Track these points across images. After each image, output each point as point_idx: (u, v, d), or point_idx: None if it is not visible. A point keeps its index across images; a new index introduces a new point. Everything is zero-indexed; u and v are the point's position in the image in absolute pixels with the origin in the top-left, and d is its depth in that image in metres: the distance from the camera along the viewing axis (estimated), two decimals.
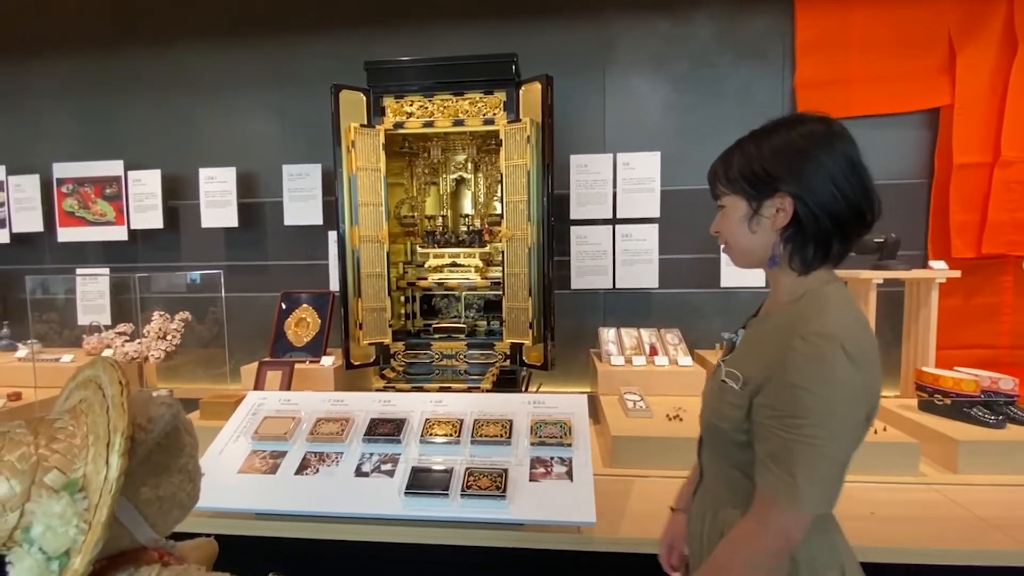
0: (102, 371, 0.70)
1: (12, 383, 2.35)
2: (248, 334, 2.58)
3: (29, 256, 2.83)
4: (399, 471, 1.42)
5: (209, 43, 2.63)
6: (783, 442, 0.74)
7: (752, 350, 0.85)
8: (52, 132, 2.79)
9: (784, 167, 0.79)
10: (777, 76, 2.36)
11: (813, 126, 0.80)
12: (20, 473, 0.59)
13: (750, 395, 0.80)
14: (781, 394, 0.75)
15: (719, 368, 0.91)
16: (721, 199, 0.88)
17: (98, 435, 0.63)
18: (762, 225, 0.83)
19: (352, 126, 1.99)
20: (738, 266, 0.92)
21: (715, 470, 0.92)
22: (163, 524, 0.72)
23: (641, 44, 2.42)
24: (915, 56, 2.27)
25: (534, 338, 2.00)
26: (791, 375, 0.73)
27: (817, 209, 0.78)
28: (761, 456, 0.77)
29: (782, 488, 0.73)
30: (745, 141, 0.85)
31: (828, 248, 0.81)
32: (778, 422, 0.74)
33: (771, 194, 0.80)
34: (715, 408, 0.87)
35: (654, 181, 2.39)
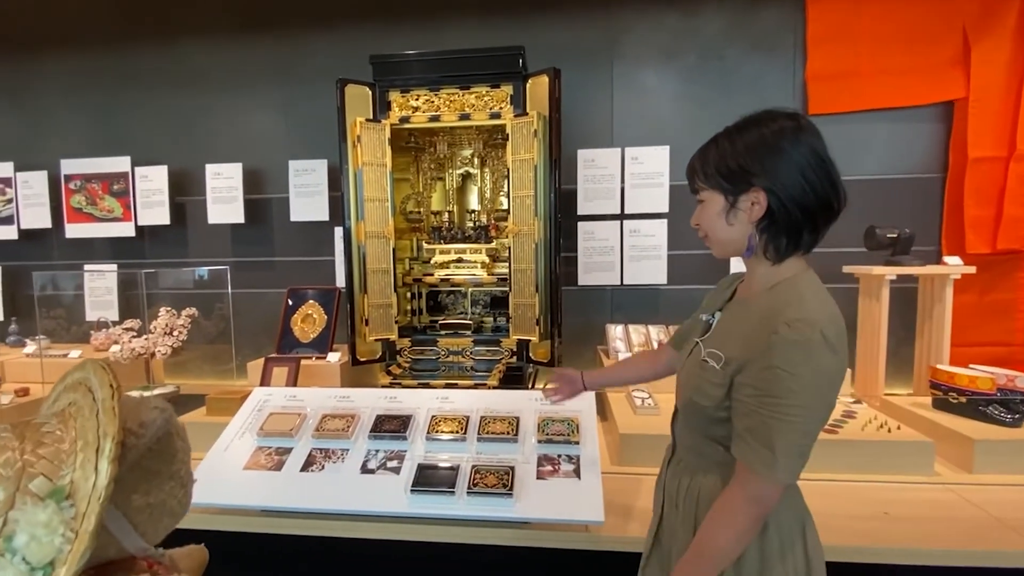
0: (92, 374, 0.67)
1: (21, 379, 2.36)
2: (255, 330, 2.59)
3: (37, 252, 2.85)
4: (405, 468, 1.41)
5: (215, 39, 2.62)
6: (762, 418, 0.79)
7: (731, 332, 0.90)
8: (60, 128, 2.80)
9: (756, 163, 0.83)
10: (788, 69, 2.32)
11: (783, 122, 0.83)
12: (3, 479, 0.56)
13: (731, 374, 0.85)
14: (763, 375, 0.79)
15: (697, 347, 0.96)
16: (700, 193, 0.92)
17: (87, 440, 0.61)
18: (739, 218, 0.87)
19: (358, 121, 1.98)
20: (718, 256, 0.96)
21: (689, 442, 0.97)
22: (153, 532, 0.70)
23: (649, 37, 2.39)
24: (929, 48, 2.22)
25: (541, 335, 1.98)
26: (774, 358, 0.78)
27: (788, 202, 0.82)
28: (739, 431, 0.83)
29: (760, 460, 0.79)
30: (720, 137, 0.89)
31: (799, 238, 0.85)
32: (758, 400, 0.80)
33: (746, 188, 0.84)
34: (696, 386, 0.91)
35: (663, 176, 2.36)
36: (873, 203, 2.25)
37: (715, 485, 0.90)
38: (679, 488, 0.97)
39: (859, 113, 2.28)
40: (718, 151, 0.87)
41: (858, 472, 1.51)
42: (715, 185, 0.88)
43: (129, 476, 0.63)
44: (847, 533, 1.24)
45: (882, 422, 1.65)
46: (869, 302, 2.07)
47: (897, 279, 1.98)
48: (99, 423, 0.61)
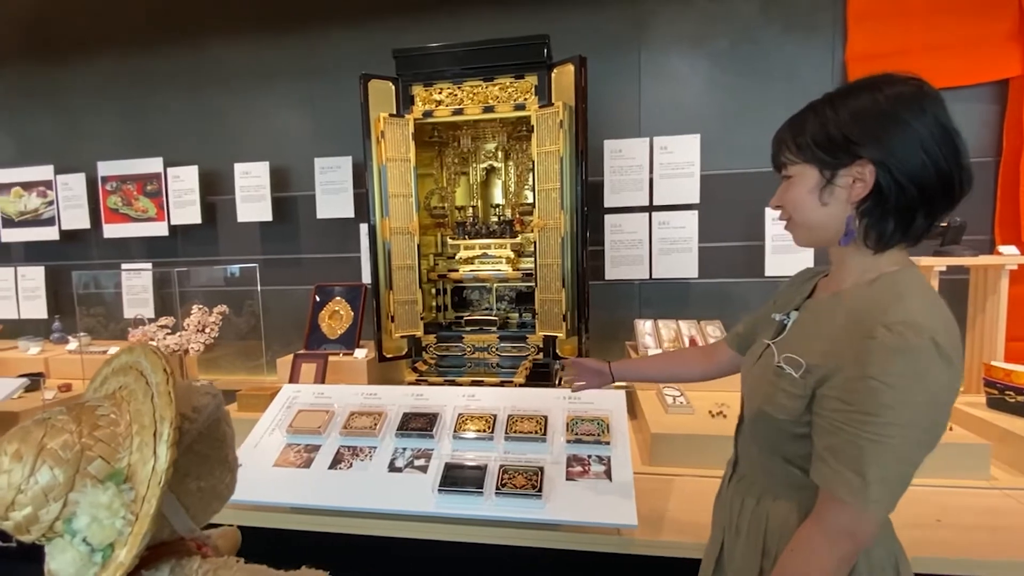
0: (143, 357, 0.68)
1: (63, 375, 2.45)
2: (283, 326, 2.62)
3: (77, 252, 2.94)
4: (432, 467, 1.40)
5: (241, 39, 2.65)
6: (851, 439, 0.67)
7: (811, 334, 0.79)
8: (96, 131, 2.87)
9: (867, 131, 0.71)
10: (827, 49, 2.20)
11: (901, 87, 0.71)
12: (64, 462, 0.57)
13: (813, 385, 0.74)
14: (854, 386, 0.68)
15: (768, 351, 0.84)
16: (787, 168, 0.80)
17: (143, 424, 0.61)
18: (835, 196, 0.75)
19: (381, 116, 1.96)
20: (800, 244, 0.84)
21: (757, 459, 0.86)
22: (202, 515, 0.71)
23: (678, 21, 2.30)
24: (981, 23, 2.08)
25: (568, 331, 1.94)
26: (869, 367, 0.66)
27: (903, 178, 0.70)
28: (820, 451, 0.71)
29: (847, 487, 0.68)
30: (819, 104, 0.77)
31: (910, 223, 0.73)
32: (846, 416, 0.68)
33: (849, 162, 0.73)
34: (768, 395, 0.79)
35: (693, 165, 2.28)
36: None
37: (787, 512, 0.79)
38: (743, 510, 0.86)
39: None
40: (817, 119, 0.75)
41: None
42: (810, 158, 0.76)
43: (183, 460, 0.64)
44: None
45: None
46: None
47: (947, 271, 1.87)
48: (155, 407, 0.62)
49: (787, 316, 0.86)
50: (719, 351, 1.12)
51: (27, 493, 0.56)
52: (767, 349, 0.86)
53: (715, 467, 1.53)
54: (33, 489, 0.56)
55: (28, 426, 0.59)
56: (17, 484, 0.56)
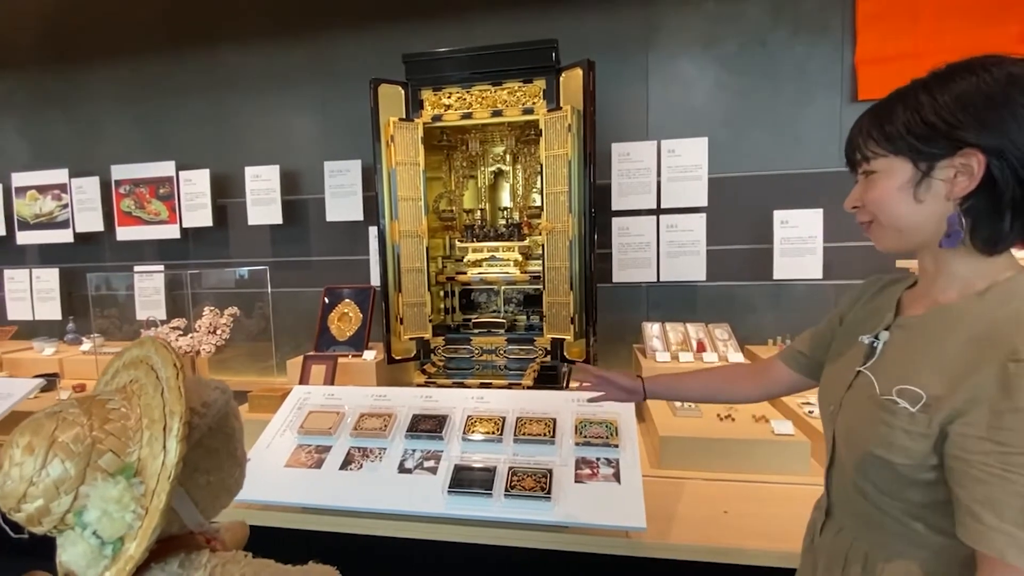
0: (153, 351, 0.68)
1: (78, 375, 2.49)
2: (293, 328, 2.64)
3: (91, 254, 2.99)
4: (442, 468, 1.41)
5: (253, 44, 2.68)
6: (1014, 487, 0.56)
7: (919, 358, 0.68)
8: (110, 135, 2.92)
9: (974, 116, 0.62)
10: (836, 53, 2.20)
11: (1012, 67, 0.63)
12: (75, 455, 0.57)
13: (941, 421, 0.62)
14: (1005, 422, 0.57)
15: (862, 378, 0.74)
16: (870, 163, 0.71)
17: (152, 418, 0.62)
18: (933, 192, 0.66)
19: (391, 120, 1.98)
20: (886, 249, 0.73)
21: (858, 507, 0.74)
22: (211, 509, 0.72)
23: (686, 24, 2.31)
24: (992, 25, 2.06)
25: (575, 333, 1.95)
26: (1022, 397, 0.56)
27: (1022, 168, 0.61)
28: (969, 504, 0.59)
29: (1016, 547, 0.56)
30: (907, 91, 0.68)
31: None
32: (1002, 460, 0.57)
33: (951, 151, 0.64)
34: (880, 435, 0.68)
35: (701, 168, 2.28)
36: None
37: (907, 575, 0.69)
38: (846, 570, 0.75)
39: None
40: (908, 106, 0.66)
41: None
42: (901, 149, 0.67)
43: (192, 455, 0.64)
44: None
45: None
46: None
47: None
48: (164, 402, 0.62)
49: (876, 338, 0.76)
50: (774, 370, 1.01)
51: (39, 485, 0.56)
52: (859, 377, 0.75)
53: (724, 471, 1.55)
54: (45, 482, 0.56)
55: (40, 419, 0.60)
56: (29, 476, 0.56)
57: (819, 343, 0.93)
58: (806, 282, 2.25)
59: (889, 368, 0.72)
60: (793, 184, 2.22)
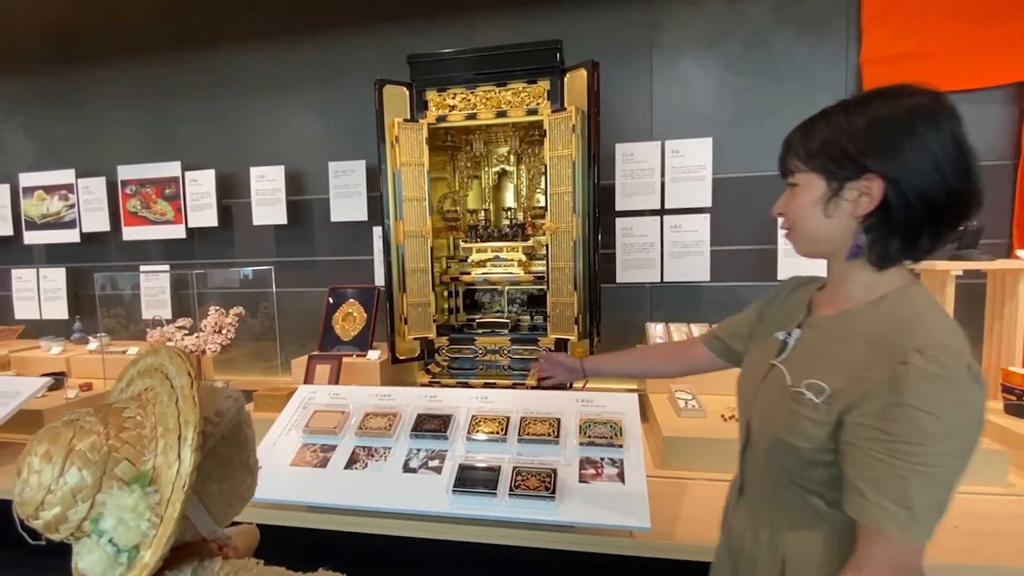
0: (168, 360, 0.69)
1: (84, 374, 2.51)
2: (298, 328, 2.65)
3: (98, 254, 3.00)
4: (446, 468, 1.41)
5: (258, 45, 2.69)
6: (894, 469, 0.64)
7: (824, 356, 0.76)
8: (116, 136, 2.94)
9: (879, 144, 0.69)
10: (840, 52, 2.19)
11: (919, 98, 0.69)
12: (92, 463, 0.58)
13: (839, 411, 0.70)
14: (893, 415, 0.65)
15: (775, 371, 0.81)
16: (793, 176, 0.78)
17: (167, 427, 0.62)
18: (840, 209, 0.73)
19: (396, 121, 1.99)
20: (801, 254, 0.82)
21: (768, 485, 0.82)
22: (224, 516, 0.72)
23: (690, 25, 2.31)
24: (999, 24, 2.06)
25: (580, 333, 1.95)
26: (907, 394, 0.64)
27: (912, 195, 0.68)
28: (856, 483, 0.67)
29: (892, 520, 0.64)
30: (833, 111, 0.74)
31: (916, 241, 0.71)
32: (886, 447, 0.65)
33: (857, 175, 0.71)
34: (788, 423, 0.75)
35: (705, 169, 2.28)
36: None
37: (807, 543, 0.77)
38: (756, 540, 0.83)
39: None
40: (829, 127, 0.73)
41: None
42: (817, 167, 0.74)
43: (205, 463, 0.65)
44: None
45: None
46: None
47: (964, 275, 1.85)
48: (179, 411, 0.63)
49: (788, 334, 0.83)
50: (694, 350, 1.12)
51: (56, 493, 0.57)
52: (772, 370, 0.82)
53: (728, 471, 1.53)
54: (62, 489, 0.57)
55: (57, 427, 0.61)
56: (47, 484, 0.57)
57: (735, 332, 1.02)
58: None
59: (799, 363, 0.79)
60: None
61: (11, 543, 0.66)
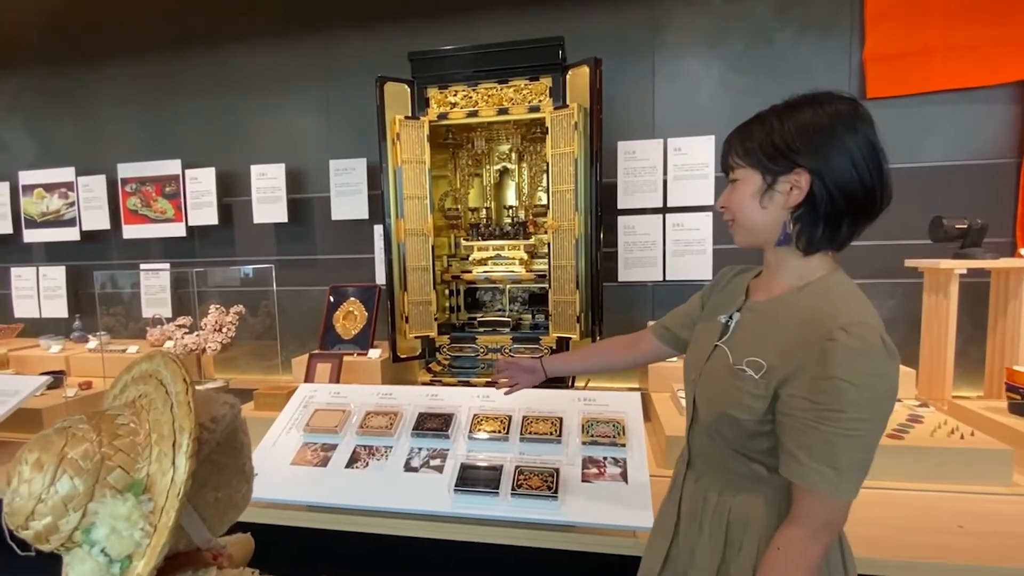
0: (163, 366, 0.67)
1: (84, 372, 2.50)
2: (299, 326, 2.65)
3: (98, 252, 3.00)
4: (448, 467, 1.40)
5: (259, 43, 2.68)
6: (822, 435, 0.73)
7: (761, 336, 0.84)
8: (116, 134, 2.93)
9: (806, 143, 0.78)
10: (843, 50, 2.18)
11: (840, 105, 0.79)
12: (84, 472, 0.56)
13: (775, 385, 0.78)
14: (821, 386, 0.73)
15: (718, 352, 0.89)
16: (734, 172, 0.87)
17: (162, 434, 0.61)
18: (774, 201, 0.82)
19: (397, 119, 1.98)
20: (740, 244, 0.90)
21: (715, 456, 0.90)
22: (218, 525, 0.71)
23: (692, 23, 2.30)
24: (1002, 22, 2.05)
25: (581, 332, 1.94)
26: (833, 367, 0.72)
27: (833, 188, 0.77)
28: (792, 449, 0.76)
29: (825, 481, 0.73)
30: (767, 114, 0.83)
31: (837, 230, 0.80)
32: (816, 415, 0.73)
33: (788, 169, 0.79)
34: (732, 397, 0.83)
35: (707, 167, 2.27)
36: (939, 192, 2.10)
37: (750, 504, 0.85)
38: (704, 507, 0.90)
39: (923, 95, 2.12)
40: (763, 128, 0.82)
41: (927, 481, 1.41)
42: (754, 163, 0.82)
43: (201, 471, 0.64)
44: (917, 548, 1.16)
45: (953, 427, 1.54)
46: (935, 298, 1.93)
47: (968, 273, 1.85)
48: (174, 417, 0.62)
49: (730, 318, 0.91)
50: (644, 341, 1.19)
51: (47, 503, 0.55)
52: (716, 350, 0.90)
53: None
54: (53, 499, 0.55)
55: (49, 434, 0.59)
56: (37, 493, 0.55)
57: (681, 320, 1.11)
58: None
59: (739, 343, 0.87)
60: None
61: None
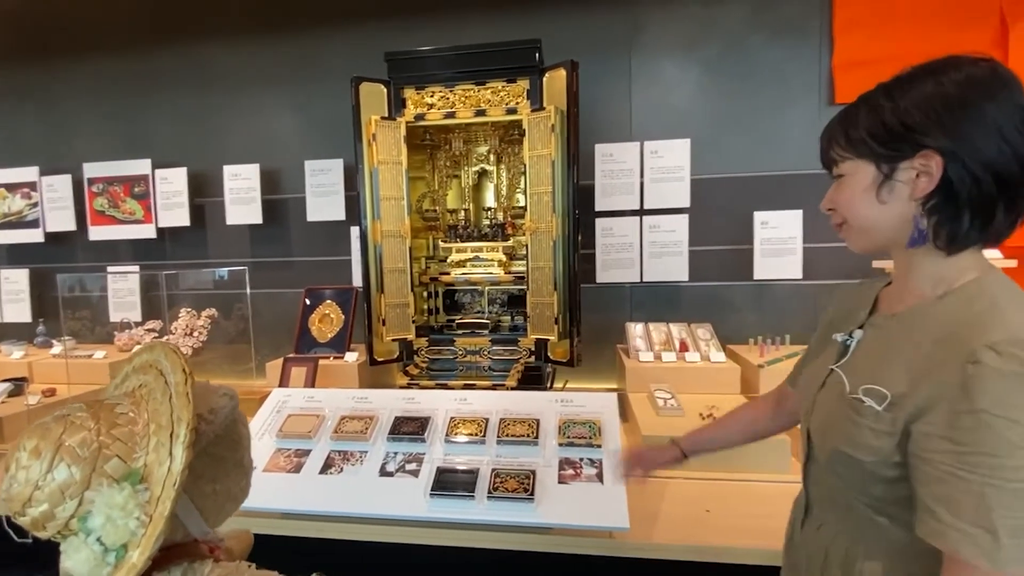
0: (163, 356, 0.68)
1: (48, 379, 2.41)
2: (273, 330, 2.59)
3: (62, 255, 2.90)
4: (424, 471, 1.39)
5: (232, 40, 2.63)
6: (969, 486, 0.57)
7: (887, 357, 0.68)
8: (82, 132, 2.84)
9: (932, 119, 0.63)
10: (814, 57, 2.23)
11: (971, 69, 0.64)
12: (81, 460, 0.57)
13: (905, 420, 0.63)
14: (965, 422, 0.58)
15: (834, 376, 0.75)
16: (839, 166, 0.73)
17: (160, 424, 0.62)
18: (896, 193, 0.67)
19: (372, 119, 1.96)
20: (857, 249, 0.75)
21: (838, 505, 0.75)
22: (215, 518, 0.71)
23: (669, 27, 2.32)
24: (965, 30, 2.12)
25: (560, 334, 1.94)
26: (981, 398, 0.57)
27: (979, 168, 0.62)
28: (927, 502, 0.60)
29: (975, 545, 0.56)
30: (873, 95, 0.69)
31: (990, 219, 0.64)
32: (960, 460, 0.58)
33: (911, 153, 0.65)
34: (847, 433, 0.69)
35: (683, 170, 2.30)
36: None
37: (885, 572, 0.69)
38: (827, 564, 0.75)
39: None
40: (871, 110, 0.68)
41: None
42: (864, 152, 0.68)
43: (198, 462, 0.64)
44: None
45: None
46: None
47: None
48: (172, 407, 0.62)
49: (850, 336, 0.77)
50: (785, 396, 1.01)
51: (44, 490, 0.56)
52: (831, 375, 0.76)
53: (707, 470, 1.55)
54: (50, 486, 0.56)
55: (48, 422, 0.60)
56: (35, 480, 0.56)
57: (814, 351, 0.92)
58: (786, 282, 2.28)
59: (860, 366, 0.73)
60: (773, 185, 2.25)
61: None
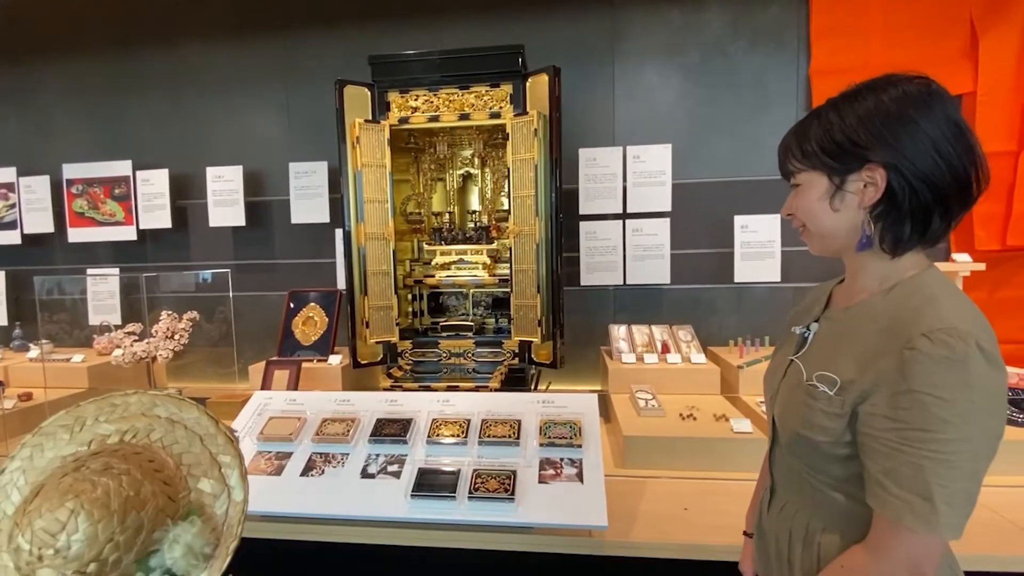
0: (161, 404, 0.74)
1: (24, 383, 2.37)
2: (256, 333, 2.58)
3: (40, 257, 2.85)
4: (405, 472, 1.39)
5: (216, 41, 2.62)
6: (909, 459, 0.63)
7: (838, 347, 0.76)
8: (62, 133, 2.80)
9: (874, 135, 0.69)
10: (792, 64, 2.29)
11: (906, 86, 0.70)
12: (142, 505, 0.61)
13: (853, 402, 0.70)
14: (903, 402, 0.64)
15: (793, 367, 0.81)
16: (795, 176, 0.79)
17: (198, 462, 0.69)
18: (847, 202, 0.73)
19: (356, 122, 1.96)
20: (816, 252, 0.82)
21: (799, 486, 0.81)
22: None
23: (651, 34, 2.36)
24: (936, 41, 2.19)
25: (543, 336, 1.96)
26: (915, 380, 0.63)
27: (916, 180, 0.68)
28: (875, 475, 0.67)
29: (911, 512, 0.63)
30: (823, 110, 0.75)
31: (927, 225, 0.70)
32: (900, 435, 0.64)
33: (858, 167, 0.71)
34: (804, 416, 0.75)
35: (665, 174, 2.34)
36: None
37: (840, 548, 0.74)
38: (792, 542, 0.81)
39: None
40: (821, 124, 0.74)
41: None
42: (816, 164, 0.74)
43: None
44: None
45: None
46: None
47: None
48: (207, 448, 0.71)
49: (807, 329, 0.83)
50: None
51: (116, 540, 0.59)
52: (791, 365, 0.83)
53: (686, 469, 1.58)
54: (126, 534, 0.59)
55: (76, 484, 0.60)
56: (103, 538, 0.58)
57: (781, 353, 0.97)
58: (765, 285, 2.32)
59: (815, 356, 0.80)
60: (753, 190, 2.30)
61: None
